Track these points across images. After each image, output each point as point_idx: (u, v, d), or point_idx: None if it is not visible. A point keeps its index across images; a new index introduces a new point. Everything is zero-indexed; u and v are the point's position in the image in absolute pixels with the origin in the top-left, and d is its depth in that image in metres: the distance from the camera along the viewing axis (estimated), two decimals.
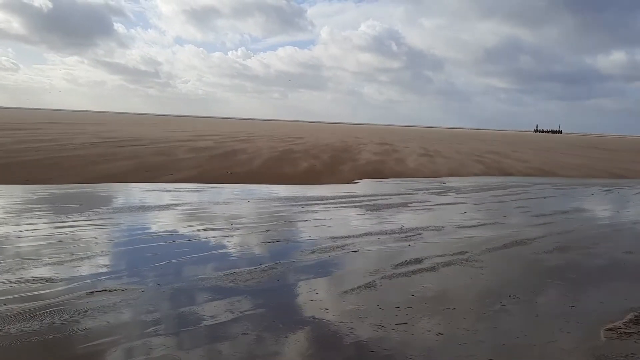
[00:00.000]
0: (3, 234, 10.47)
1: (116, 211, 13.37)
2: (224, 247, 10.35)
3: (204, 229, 11.68)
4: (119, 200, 15.32)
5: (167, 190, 17.51)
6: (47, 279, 7.83)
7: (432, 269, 9.30)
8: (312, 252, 10.14)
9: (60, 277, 7.98)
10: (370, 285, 8.26)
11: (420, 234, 12.17)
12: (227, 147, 39.19)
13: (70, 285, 7.65)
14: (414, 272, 9.02)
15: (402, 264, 9.49)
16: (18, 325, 6.23)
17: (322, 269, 9.10)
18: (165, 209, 14.06)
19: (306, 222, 13.04)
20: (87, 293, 7.37)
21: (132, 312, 6.85)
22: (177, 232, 11.35)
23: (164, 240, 10.51)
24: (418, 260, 9.76)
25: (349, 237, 11.54)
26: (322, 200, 16.72)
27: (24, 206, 13.66)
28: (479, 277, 9.01)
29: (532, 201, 18.66)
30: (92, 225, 11.64)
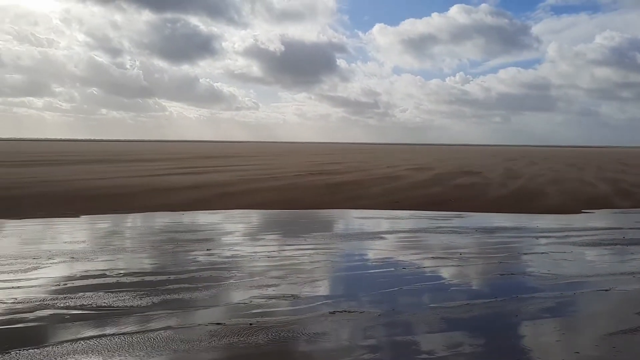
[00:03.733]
0: (252, 254, 11.83)
1: (346, 236, 14.14)
2: (456, 276, 10.08)
3: (433, 257, 11.59)
4: (345, 225, 16.19)
5: (387, 217, 17.96)
6: (294, 296, 8.57)
7: None
8: (553, 287, 9.25)
9: (305, 296, 8.65)
10: (633, 330, 7.14)
11: None
12: (449, 175, 38.76)
13: (314, 304, 8.23)
14: None
15: None
16: (274, 335, 6.86)
17: (566, 307, 8.23)
18: (391, 234, 14.38)
19: (541, 254, 12.02)
20: (330, 312, 7.83)
21: (371, 334, 7.03)
22: (406, 259, 11.46)
23: (395, 267, 10.70)
24: None
25: (595, 274, 10.26)
26: (554, 231, 15.28)
27: (265, 229, 15.35)
28: None
29: None
30: (327, 248, 12.47)
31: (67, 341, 6.52)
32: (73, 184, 27.38)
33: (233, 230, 15.09)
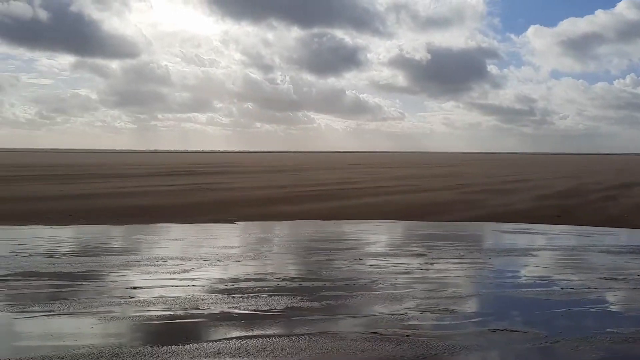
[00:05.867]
0: (403, 264, 11.72)
1: (498, 251, 13.44)
2: (634, 300, 9.06)
3: (603, 278, 10.51)
4: (498, 241, 15.39)
5: (544, 233, 16.73)
6: (450, 311, 8.31)
7: None
8: None
9: (462, 311, 8.36)
10: None
11: None
12: (609, 188, 35.13)
13: (471, 320, 7.91)
14: None
15: None
16: (433, 349, 6.68)
17: None
18: (550, 251, 13.38)
19: None
20: (489, 330, 7.46)
21: (536, 356, 6.58)
22: (572, 279, 10.54)
23: (560, 287, 9.89)
24: None
25: None
26: None
27: (409, 241, 15.16)
28: None
29: None
30: (478, 263, 11.96)
31: (234, 338, 7.01)
32: (230, 193, 29.64)
33: (376, 240, 15.19)
